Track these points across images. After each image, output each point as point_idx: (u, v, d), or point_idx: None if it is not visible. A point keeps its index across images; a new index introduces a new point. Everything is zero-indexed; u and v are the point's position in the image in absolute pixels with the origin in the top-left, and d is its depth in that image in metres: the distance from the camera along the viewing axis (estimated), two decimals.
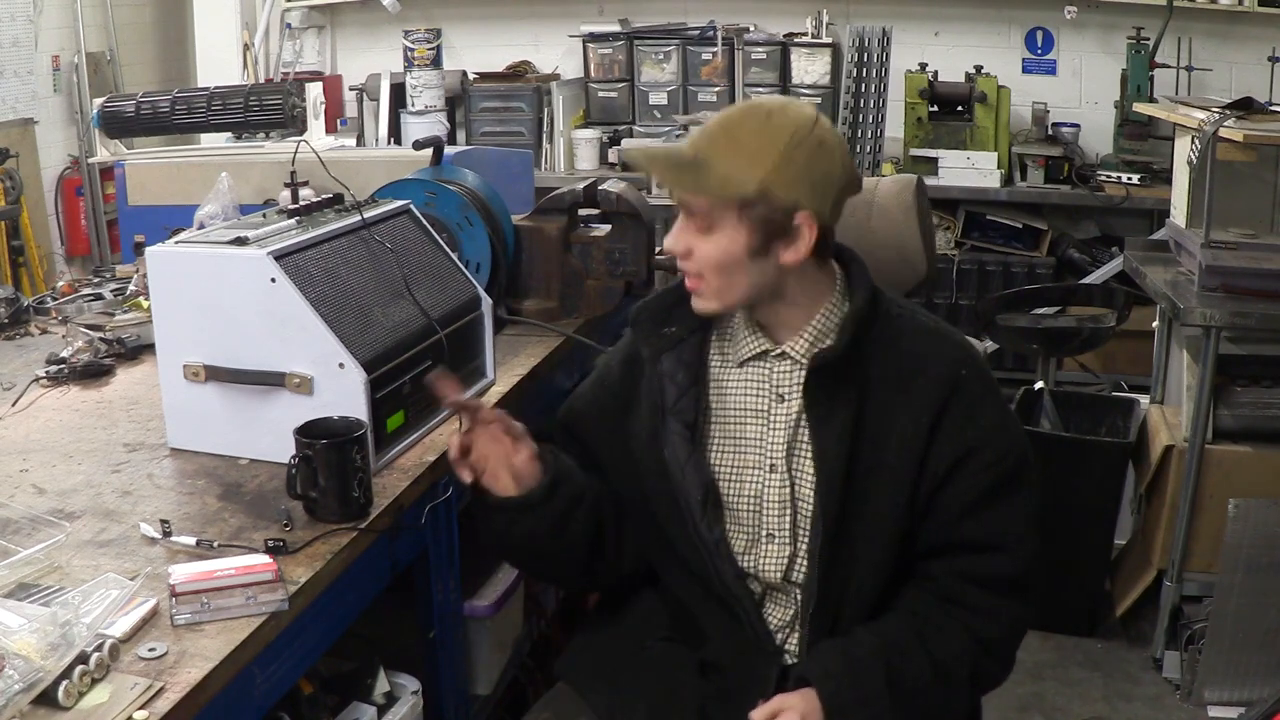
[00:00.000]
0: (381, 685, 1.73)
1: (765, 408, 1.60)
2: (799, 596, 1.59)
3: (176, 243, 1.85)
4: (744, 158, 1.46)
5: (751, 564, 1.59)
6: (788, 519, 1.57)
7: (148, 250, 1.79)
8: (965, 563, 1.56)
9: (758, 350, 1.60)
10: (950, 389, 1.54)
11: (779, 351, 1.59)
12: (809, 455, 1.56)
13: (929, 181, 4.56)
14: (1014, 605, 1.57)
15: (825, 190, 1.49)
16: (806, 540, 1.56)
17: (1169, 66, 4.45)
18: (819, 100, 4.83)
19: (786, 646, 1.61)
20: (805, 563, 1.56)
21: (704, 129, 1.52)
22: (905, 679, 1.50)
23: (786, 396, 1.58)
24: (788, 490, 1.57)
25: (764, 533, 1.59)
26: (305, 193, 2.30)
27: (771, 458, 1.58)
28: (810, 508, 1.56)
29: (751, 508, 1.59)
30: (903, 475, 1.54)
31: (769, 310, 1.57)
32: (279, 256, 1.69)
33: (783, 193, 1.46)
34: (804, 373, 1.55)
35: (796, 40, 4.90)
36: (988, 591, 1.56)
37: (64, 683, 1.18)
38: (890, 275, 2.23)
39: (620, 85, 5.08)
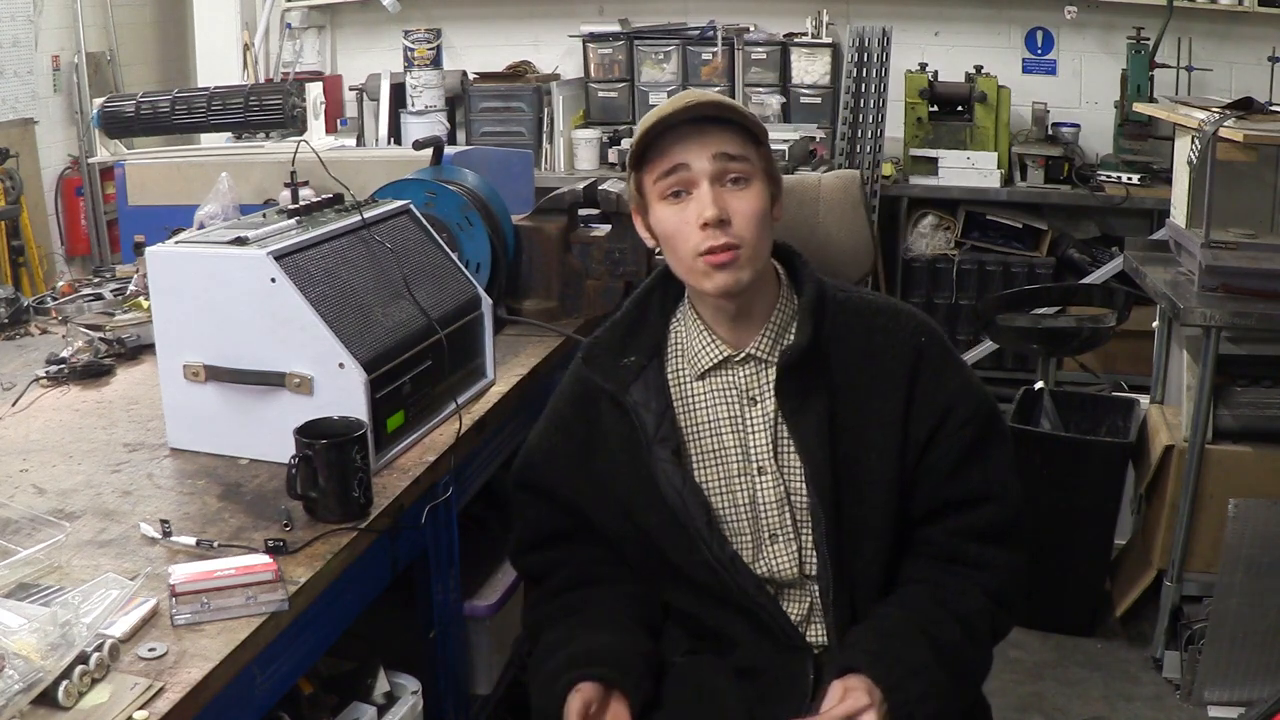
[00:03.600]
0: (381, 685, 1.73)
1: (738, 413, 1.60)
2: (814, 588, 1.59)
3: (176, 243, 1.85)
4: (743, 110, 1.54)
5: (765, 568, 1.59)
6: (787, 516, 1.58)
7: (148, 250, 1.79)
8: (959, 520, 1.59)
9: (719, 359, 1.60)
10: (915, 359, 1.57)
11: (743, 356, 1.59)
12: (793, 450, 1.57)
13: (929, 182, 4.61)
14: (1010, 554, 1.60)
15: None
16: (809, 532, 1.57)
17: (1169, 66, 4.45)
18: (819, 100, 4.84)
19: (809, 639, 1.61)
20: (814, 554, 1.57)
21: (695, 99, 1.52)
22: (943, 643, 1.51)
23: (759, 398, 1.59)
24: (782, 488, 1.58)
25: (766, 535, 1.59)
26: (305, 193, 2.30)
27: (759, 461, 1.59)
28: (804, 500, 1.57)
29: (749, 514, 1.59)
30: (889, 450, 1.56)
31: (740, 305, 1.57)
32: (279, 256, 1.69)
33: (767, 140, 1.56)
34: (774, 371, 1.56)
35: (796, 40, 4.90)
36: (985, 544, 1.58)
37: (64, 683, 1.18)
38: (840, 268, 2.30)
39: (620, 85, 5.07)
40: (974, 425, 1.58)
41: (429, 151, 2.44)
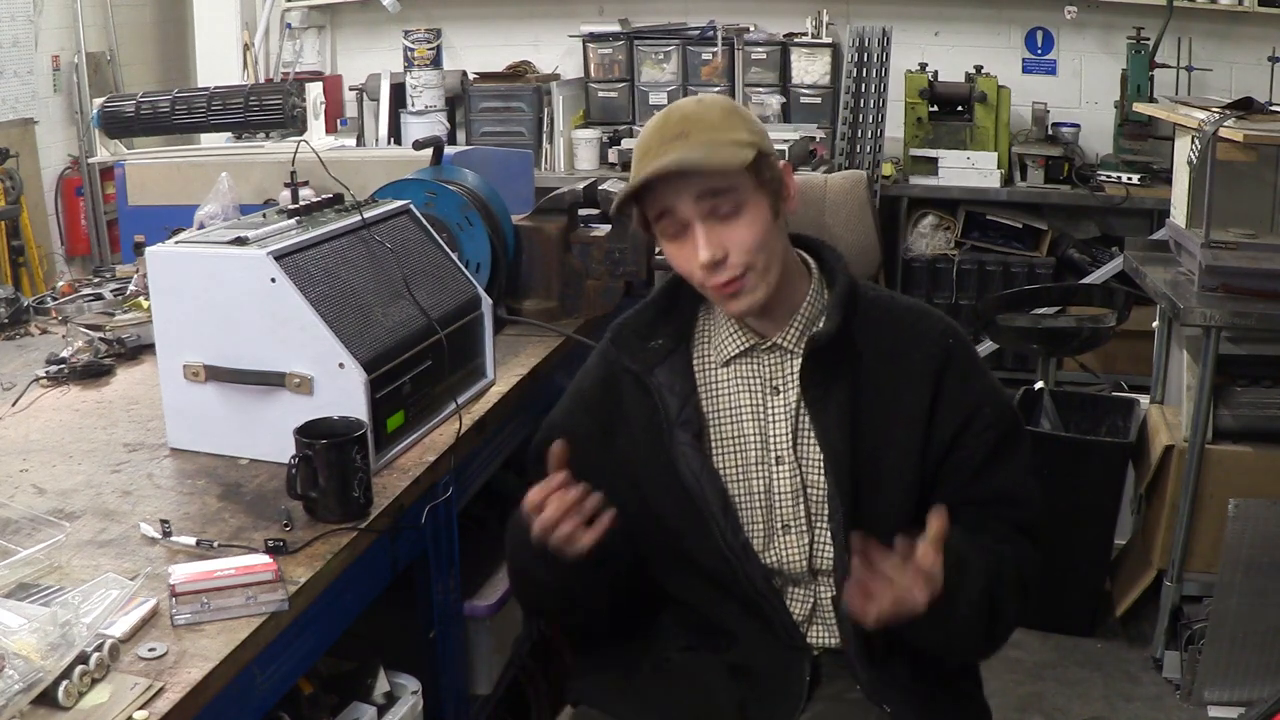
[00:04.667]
0: (381, 685, 1.73)
1: (760, 402, 1.60)
2: (819, 589, 1.59)
3: (176, 243, 1.86)
4: (726, 133, 1.49)
5: (774, 559, 1.59)
6: (801, 507, 1.58)
7: (148, 250, 1.79)
8: (981, 521, 1.58)
9: (745, 346, 1.60)
10: (943, 360, 1.58)
11: (769, 345, 1.59)
12: (813, 440, 1.57)
13: (929, 182, 4.61)
14: (1029, 545, 1.60)
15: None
16: (824, 525, 1.57)
17: (1169, 66, 4.45)
18: (819, 100, 4.84)
19: (809, 639, 1.61)
20: (828, 547, 1.57)
21: (675, 132, 1.48)
22: (994, 565, 1.50)
23: (782, 388, 1.59)
24: (798, 479, 1.58)
25: (779, 525, 1.59)
26: (305, 193, 2.30)
27: (777, 450, 1.59)
28: (821, 492, 1.57)
29: (763, 503, 1.59)
30: (911, 447, 1.56)
31: (771, 298, 1.56)
32: (279, 256, 1.69)
33: (766, 145, 1.52)
34: (798, 362, 1.56)
35: (796, 40, 4.91)
36: (1005, 540, 1.58)
37: (64, 683, 1.18)
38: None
39: (620, 85, 5.08)
40: (998, 429, 1.59)
41: (429, 151, 2.44)
